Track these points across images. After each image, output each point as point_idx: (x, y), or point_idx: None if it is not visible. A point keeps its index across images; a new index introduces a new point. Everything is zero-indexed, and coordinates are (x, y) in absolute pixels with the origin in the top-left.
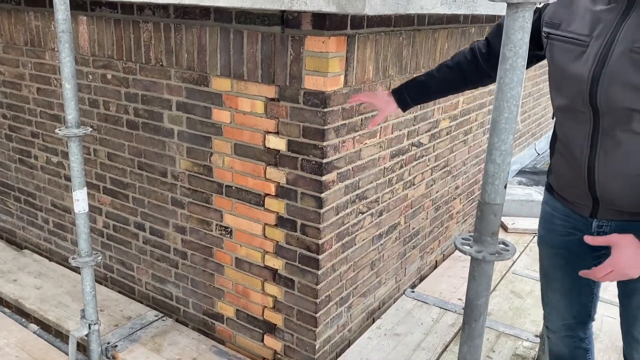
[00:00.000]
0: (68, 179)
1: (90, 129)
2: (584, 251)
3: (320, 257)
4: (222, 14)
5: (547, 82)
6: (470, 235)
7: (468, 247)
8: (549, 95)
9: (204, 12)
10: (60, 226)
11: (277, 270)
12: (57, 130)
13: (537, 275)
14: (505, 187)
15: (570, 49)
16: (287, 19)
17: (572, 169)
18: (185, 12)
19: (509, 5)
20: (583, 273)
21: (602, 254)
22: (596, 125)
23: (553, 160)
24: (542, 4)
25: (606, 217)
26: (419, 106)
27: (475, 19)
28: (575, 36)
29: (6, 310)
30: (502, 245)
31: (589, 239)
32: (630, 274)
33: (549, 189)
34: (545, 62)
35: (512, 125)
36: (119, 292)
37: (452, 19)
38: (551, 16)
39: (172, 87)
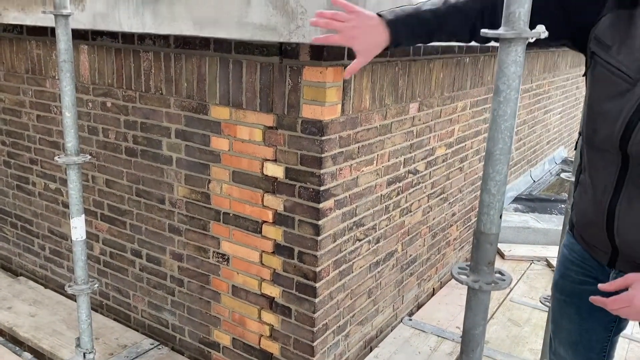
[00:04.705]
0: (66, 205)
1: (90, 157)
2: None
3: (317, 285)
4: (221, 45)
5: (543, 110)
6: (467, 265)
7: (465, 277)
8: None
9: (204, 42)
10: (56, 253)
11: (274, 298)
12: (56, 158)
13: (535, 302)
14: (500, 217)
15: (613, 82)
16: (285, 50)
17: (593, 207)
18: (185, 42)
19: (502, 40)
20: (594, 299)
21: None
22: (624, 170)
23: (576, 194)
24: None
25: (625, 269)
26: (414, 133)
27: (469, 49)
28: (623, 68)
29: (0, 338)
30: (498, 275)
31: (606, 286)
32: None
33: (571, 227)
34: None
35: (507, 156)
36: (115, 319)
37: (447, 50)
38: (603, 33)
39: (171, 115)
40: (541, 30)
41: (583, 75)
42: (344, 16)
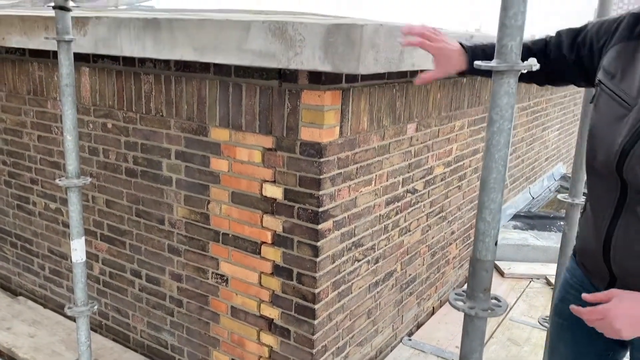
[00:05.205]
0: (66, 225)
1: (90, 179)
2: (596, 329)
3: (316, 306)
4: (221, 68)
5: (541, 127)
6: (463, 291)
7: (461, 303)
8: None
9: (204, 66)
10: (56, 272)
11: (273, 319)
12: (57, 181)
13: (534, 322)
14: (495, 243)
15: (613, 107)
16: (284, 74)
17: (592, 234)
18: (185, 65)
19: (495, 72)
20: (573, 307)
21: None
22: (622, 197)
23: (581, 220)
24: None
25: None
26: (412, 153)
27: None
28: (622, 95)
29: None
30: (494, 301)
31: (588, 297)
32: (619, 328)
33: (574, 252)
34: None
35: (501, 185)
36: (114, 340)
37: None
38: (609, 63)
39: (171, 137)
40: (532, 63)
41: (590, 102)
42: (436, 32)
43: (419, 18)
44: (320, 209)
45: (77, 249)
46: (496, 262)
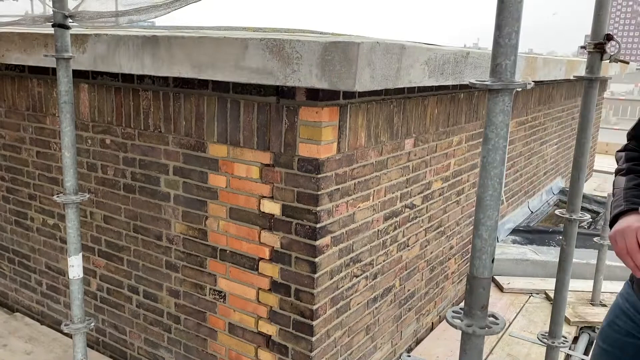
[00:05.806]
0: (63, 241)
1: (88, 195)
2: None
3: (314, 323)
4: (219, 85)
5: (539, 142)
6: (460, 309)
7: (459, 321)
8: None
9: (202, 82)
10: (53, 288)
11: (270, 336)
12: (55, 197)
13: (534, 337)
14: (492, 261)
15: None
16: (282, 90)
17: None
18: (184, 82)
19: (490, 90)
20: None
21: None
22: None
23: None
24: None
25: None
26: (410, 168)
27: (463, 86)
28: None
29: None
30: (491, 318)
31: None
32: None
33: (631, 278)
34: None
35: (497, 202)
36: (111, 357)
37: (441, 87)
38: None
39: (169, 153)
40: (527, 82)
41: None
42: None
43: (417, 32)
44: (318, 225)
45: (75, 266)
46: (495, 277)
